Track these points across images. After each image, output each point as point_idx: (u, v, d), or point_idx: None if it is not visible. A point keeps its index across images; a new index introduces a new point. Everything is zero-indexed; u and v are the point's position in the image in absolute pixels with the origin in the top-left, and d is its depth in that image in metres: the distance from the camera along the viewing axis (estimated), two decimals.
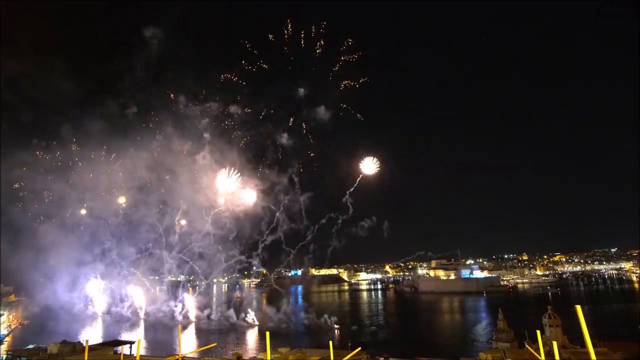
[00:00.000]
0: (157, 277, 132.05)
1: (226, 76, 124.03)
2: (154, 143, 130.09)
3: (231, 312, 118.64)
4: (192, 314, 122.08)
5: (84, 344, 39.84)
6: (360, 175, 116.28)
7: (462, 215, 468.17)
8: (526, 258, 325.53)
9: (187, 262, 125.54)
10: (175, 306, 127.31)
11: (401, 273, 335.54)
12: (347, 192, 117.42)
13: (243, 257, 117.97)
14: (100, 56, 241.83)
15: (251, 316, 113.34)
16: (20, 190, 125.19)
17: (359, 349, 34.25)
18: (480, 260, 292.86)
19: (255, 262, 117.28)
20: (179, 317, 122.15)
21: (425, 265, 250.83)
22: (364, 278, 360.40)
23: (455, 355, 58.26)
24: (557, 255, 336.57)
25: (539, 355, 26.32)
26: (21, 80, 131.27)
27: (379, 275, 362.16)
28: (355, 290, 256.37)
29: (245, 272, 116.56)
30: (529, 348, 32.61)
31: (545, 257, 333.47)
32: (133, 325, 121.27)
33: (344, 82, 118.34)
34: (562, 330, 44.76)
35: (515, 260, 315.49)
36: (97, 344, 57.27)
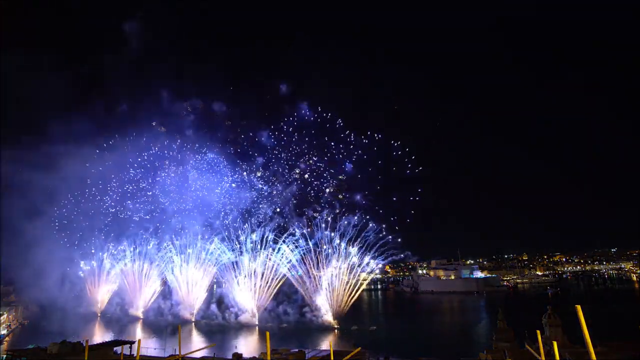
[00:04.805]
0: (146, 275, 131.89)
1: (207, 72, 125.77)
2: (141, 140, 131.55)
3: (214, 310, 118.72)
4: (180, 313, 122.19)
5: (84, 344, 39.85)
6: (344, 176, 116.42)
7: (462, 215, 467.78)
8: (526, 258, 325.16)
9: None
10: (164, 304, 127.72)
11: (401, 273, 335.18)
12: (328, 190, 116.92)
13: (231, 255, 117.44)
14: (83, 52, 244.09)
15: (234, 313, 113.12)
16: (10, 187, 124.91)
17: (359, 349, 34.25)
18: (480, 260, 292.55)
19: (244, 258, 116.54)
20: (169, 316, 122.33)
21: (425, 265, 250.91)
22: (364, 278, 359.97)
23: (455, 356, 58.25)
24: (557, 255, 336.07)
25: (539, 355, 26.31)
26: (6, 76, 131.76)
27: (378, 275, 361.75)
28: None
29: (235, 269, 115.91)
30: (529, 348, 32.60)
31: (545, 257, 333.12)
32: (131, 324, 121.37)
33: None
34: (562, 330, 44.73)
35: (515, 260, 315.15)
36: (97, 344, 57.20)
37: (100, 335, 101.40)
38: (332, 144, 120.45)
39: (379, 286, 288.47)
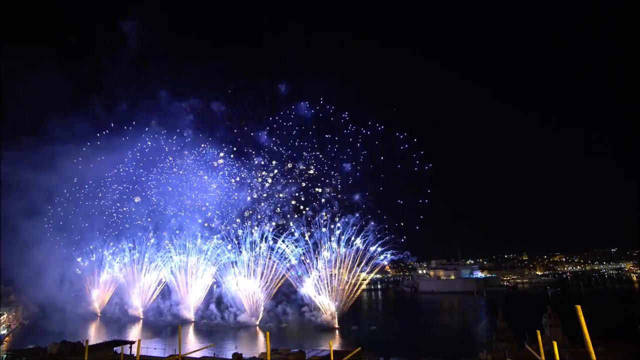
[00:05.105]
0: (145, 275, 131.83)
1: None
2: (140, 139, 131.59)
3: (213, 309, 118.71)
4: (180, 312, 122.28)
5: (84, 344, 39.85)
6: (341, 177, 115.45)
7: (462, 215, 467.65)
8: (526, 258, 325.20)
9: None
10: (164, 304, 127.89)
11: (401, 273, 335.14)
12: (328, 189, 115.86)
13: (231, 255, 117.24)
14: (81, 52, 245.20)
15: (233, 313, 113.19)
16: (9, 187, 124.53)
17: (359, 349, 34.20)
18: (480, 260, 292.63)
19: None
20: (168, 316, 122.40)
21: (425, 265, 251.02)
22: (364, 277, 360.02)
23: (455, 356, 58.27)
24: (557, 255, 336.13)
25: (539, 355, 26.31)
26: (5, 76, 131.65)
27: (378, 275, 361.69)
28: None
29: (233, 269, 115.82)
30: (529, 348, 32.60)
31: (545, 257, 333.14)
32: (130, 324, 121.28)
33: None
34: (562, 330, 44.77)
35: (515, 260, 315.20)
36: (97, 344, 57.31)
37: (100, 335, 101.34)
38: (330, 137, 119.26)
39: (379, 286, 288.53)
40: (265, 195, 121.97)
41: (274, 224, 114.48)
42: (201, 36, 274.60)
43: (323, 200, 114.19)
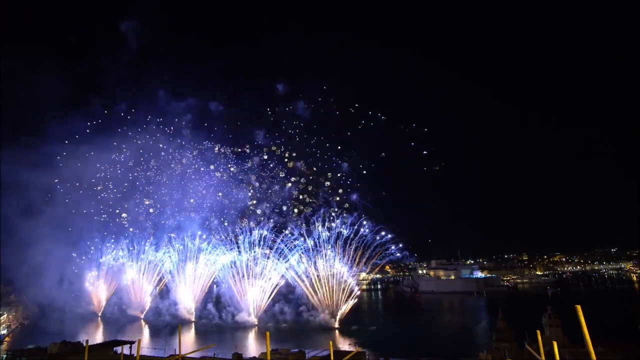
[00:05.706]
0: (144, 274, 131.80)
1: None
2: (139, 140, 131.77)
3: (212, 309, 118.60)
4: (179, 312, 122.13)
5: (84, 344, 39.84)
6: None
7: (462, 215, 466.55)
8: (526, 258, 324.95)
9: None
10: (162, 304, 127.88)
11: (401, 273, 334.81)
12: (327, 187, 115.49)
13: (230, 255, 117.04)
14: (81, 52, 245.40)
15: (230, 313, 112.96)
16: (9, 186, 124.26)
17: (359, 349, 34.24)
18: (480, 260, 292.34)
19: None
20: (167, 316, 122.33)
21: (425, 265, 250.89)
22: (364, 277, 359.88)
23: (455, 356, 58.25)
24: (557, 255, 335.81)
25: (539, 355, 26.29)
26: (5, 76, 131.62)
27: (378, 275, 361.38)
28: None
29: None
30: (529, 348, 32.58)
31: (545, 257, 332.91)
32: (130, 324, 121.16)
33: None
34: (562, 330, 44.76)
35: (515, 260, 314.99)
36: (97, 344, 57.31)
37: (100, 335, 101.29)
38: (330, 135, 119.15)
39: (379, 286, 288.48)
40: (264, 195, 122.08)
41: (272, 223, 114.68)
42: (201, 36, 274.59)
43: (322, 200, 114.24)
